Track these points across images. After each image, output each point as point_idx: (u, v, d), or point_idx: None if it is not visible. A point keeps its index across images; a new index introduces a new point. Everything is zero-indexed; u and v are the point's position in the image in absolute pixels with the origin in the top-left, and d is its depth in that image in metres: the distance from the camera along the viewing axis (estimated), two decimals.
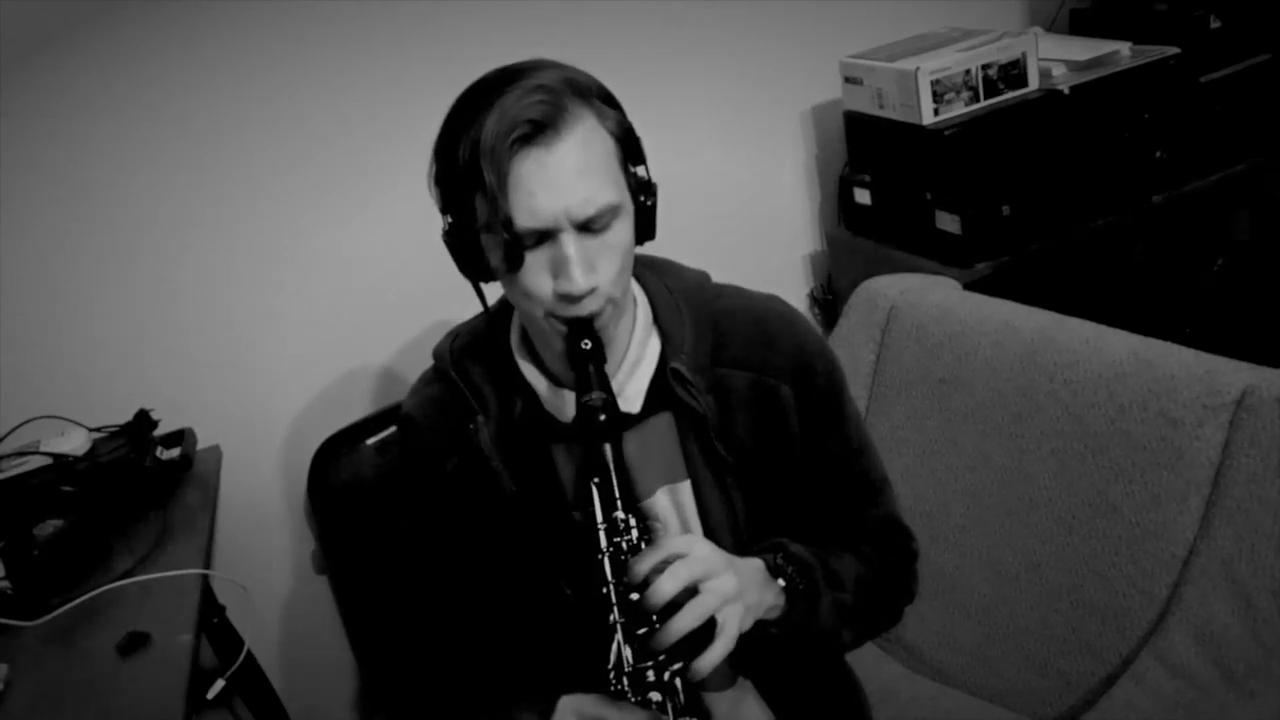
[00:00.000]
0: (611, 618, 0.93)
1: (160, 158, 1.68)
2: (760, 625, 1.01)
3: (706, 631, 0.92)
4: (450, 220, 0.98)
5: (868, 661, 1.53)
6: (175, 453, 1.62)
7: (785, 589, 1.03)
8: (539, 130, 0.90)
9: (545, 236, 0.93)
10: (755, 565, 1.02)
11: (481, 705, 1.16)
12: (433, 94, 0.99)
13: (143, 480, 1.54)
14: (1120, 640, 1.31)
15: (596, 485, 0.96)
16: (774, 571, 1.04)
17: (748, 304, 1.14)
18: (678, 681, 0.95)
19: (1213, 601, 1.22)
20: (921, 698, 1.48)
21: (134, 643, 1.25)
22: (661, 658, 0.92)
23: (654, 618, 0.91)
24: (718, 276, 1.19)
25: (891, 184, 2.00)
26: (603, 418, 0.93)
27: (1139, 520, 1.30)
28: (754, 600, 0.98)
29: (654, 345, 1.09)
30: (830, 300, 2.25)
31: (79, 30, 1.59)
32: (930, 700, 1.47)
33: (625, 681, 0.93)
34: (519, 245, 0.92)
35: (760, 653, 1.06)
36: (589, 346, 0.96)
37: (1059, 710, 1.37)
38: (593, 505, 0.96)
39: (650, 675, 0.93)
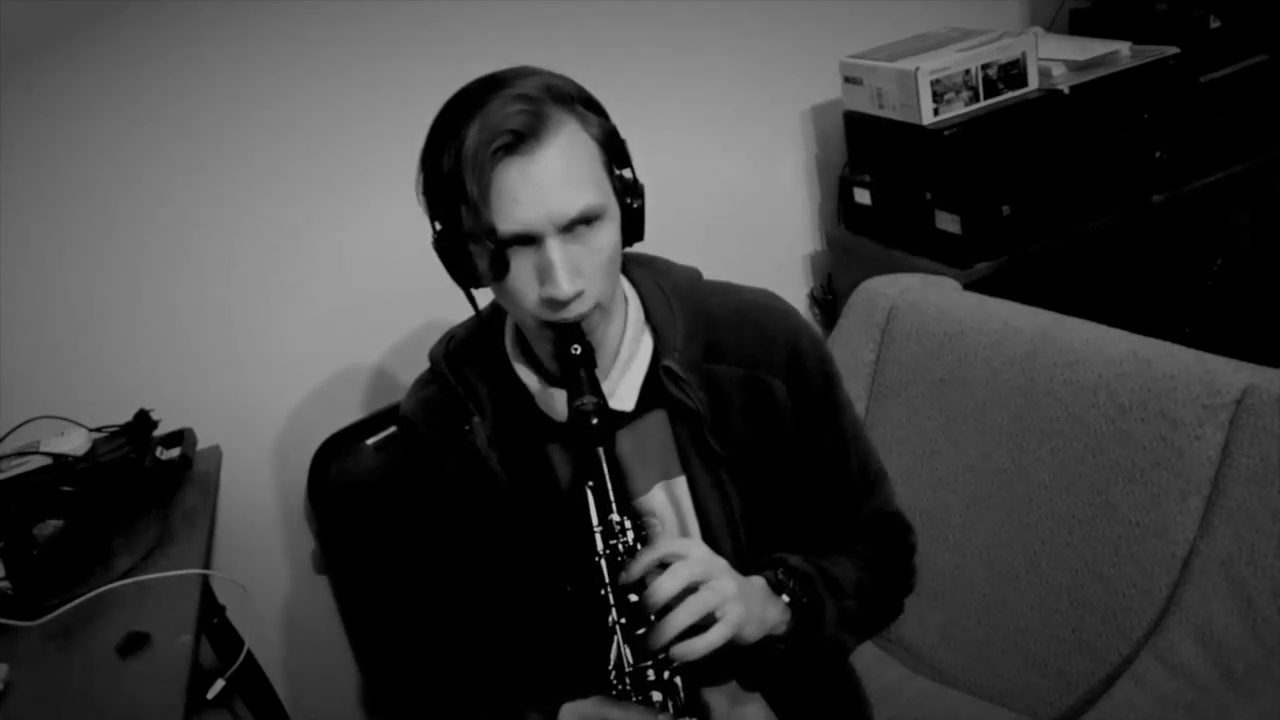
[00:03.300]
0: (611, 619, 0.94)
1: (160, 158, 1.68)
2: (768, 641, 1.01)
3: (704, 630, 0.92)
4: (439, 228, 0.99)
5: (868, 661, 1.53)
6: (175, 453, 1.62)
7: (790, 603, 1.04)
8: (520, 140, 0.91)
9: (530, 242, 0.94)
10: (757, 583, 1.03)
11: (486, 705, 1.16)
12: (432, 94, 0.99)
13: (143, 480, 1.54)
14: (1120, 640, 1.31)
15: (591, 489, 0.96)
16: (776, 587, 1.04)
17: (740, 299, 1.14)
18: (678, 680, 0.95)
19: (1213, 601, 1.22)
20: (921, 698, 1.48)
21: (134, 643, 1.25)
22: (660, 656, 0.92)
23: (653, 617, 0.92)
24: (718, 276, 1.19)
25: (891, 184, 2.00)
26: (595, 422, 0.94)
27: (1139, 520, 1.30)
28: (758, 614, 0.99)
29: (646, 343, 1.09)
30: (830, 300, 2.24)
31: (79, 30, 1.59)
32: (930, 700, 1.47)
33: (627, 681, 0.94)
34: (504, 253, 0.93)
35: (768, 668, 1.06)
36: (578, 351, 0.97)
37: (1059, 710, 1.37)
38: (589, 508, 0.96)
39: (651, 674, 0.93)
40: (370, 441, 1.72)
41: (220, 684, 1.52)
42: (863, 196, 2.06)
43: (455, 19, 1.80)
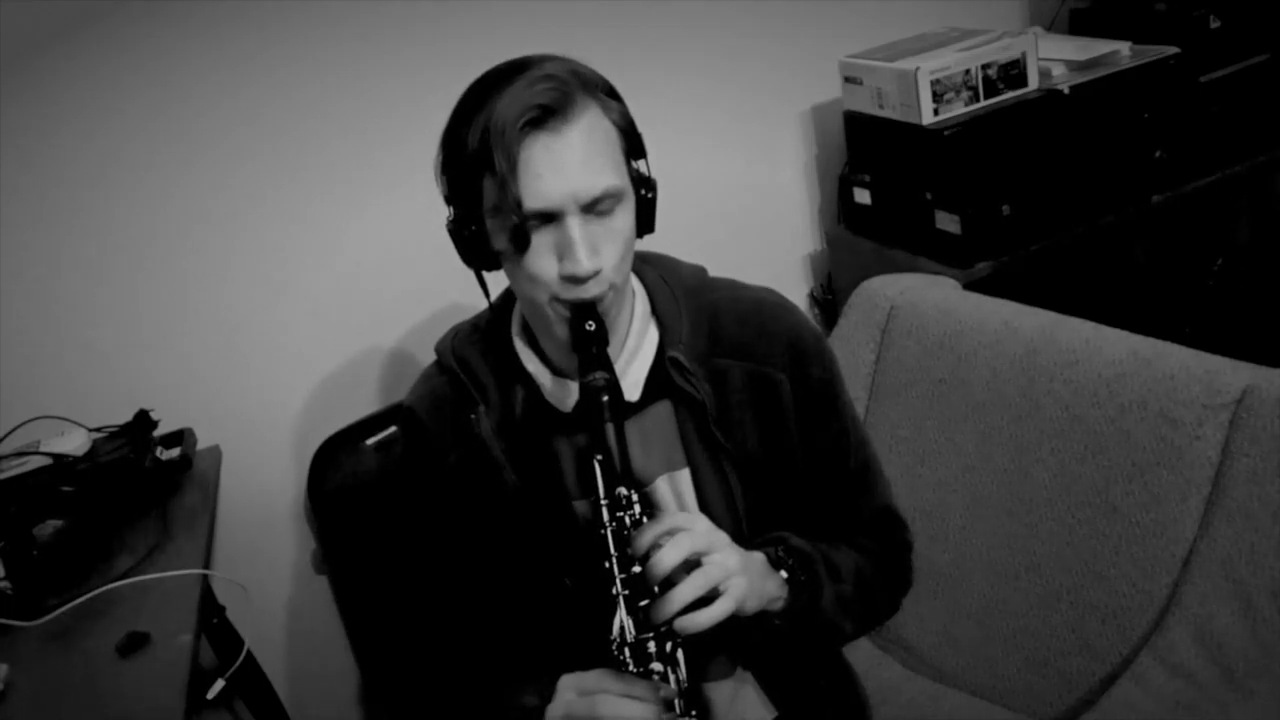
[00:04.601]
0: (614, 590, 0.95)
1: (160, 157, 1.67)
2: (764, 617, 1.02)
3: (707, 604, 0.93)
4: (455, 209, 1.00)
5: (868, 661, 1.53)
6: (175, 453, 1.62)
7: (787, 580, 1.04)
8: (548, 115, 0.93)
9: (551, 220, 0.95)
10: (757, 558, 1.03)
11: (483, 692, 1.17)
12: (433, 91, 1.00)
13: (142, 480, 1.54)
14: (1120, 640, 1.31)
15: (599, 462, 0.97)
16: (775, 563, 1.05)
17: (744, 296, 1.16)
18: (679, 653, 0.96)
19: (1213, 601, 1.22)
20: (921, 698, 1.48)
21: (134, 643, 1.25)
22: (662, 628, 0.93)
23: (655, 589, 0.92)
24: (717, 274, 1.20)
25: (891, 184, 2.00)
26: (606, 398, 0.95)
27: (1139, 520, 1.30)
28: (759, 588, 0.99)
29: (652, 335, 1.11)
30: (830, 300, 2.24)
31: (79, 30, 1.58)
32: (930, 700, 1.48)
33: (627, 653, 0.95)
34: (526, 226, 0.94)
35: (763, 645, 1.07)
36: (592, 328, 0.98)
37: (1059, 710, 1.37)
38: (595, 483, 0.97)
39: (651, 646, 0.94)
40: (370, 441, 1.72)
41: (220, 684, 1.52)
42: (862, 196, 2.06)
43: (459, 18, 1.80)
